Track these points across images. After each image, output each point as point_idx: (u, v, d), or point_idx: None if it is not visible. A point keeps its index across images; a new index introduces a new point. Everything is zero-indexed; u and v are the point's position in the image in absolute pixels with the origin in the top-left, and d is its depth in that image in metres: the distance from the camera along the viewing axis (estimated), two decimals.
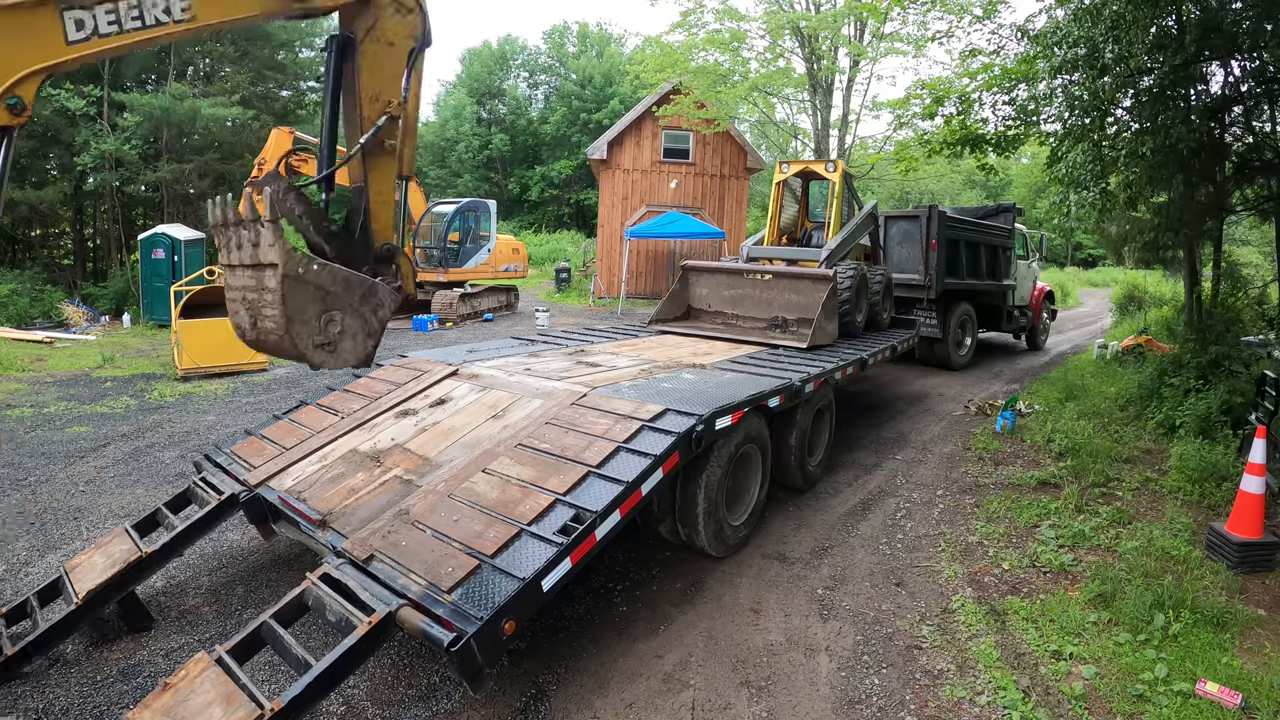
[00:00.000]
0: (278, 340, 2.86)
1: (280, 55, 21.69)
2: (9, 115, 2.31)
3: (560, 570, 2.87)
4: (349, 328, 2.97)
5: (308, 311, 2.82)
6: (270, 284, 2.76)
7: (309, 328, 2.83)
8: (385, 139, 3.10)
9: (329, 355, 2.93)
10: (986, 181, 32.67)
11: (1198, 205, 8.18)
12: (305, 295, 2.79)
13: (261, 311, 2.86)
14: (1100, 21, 6.50)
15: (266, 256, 2.74)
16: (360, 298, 2.97)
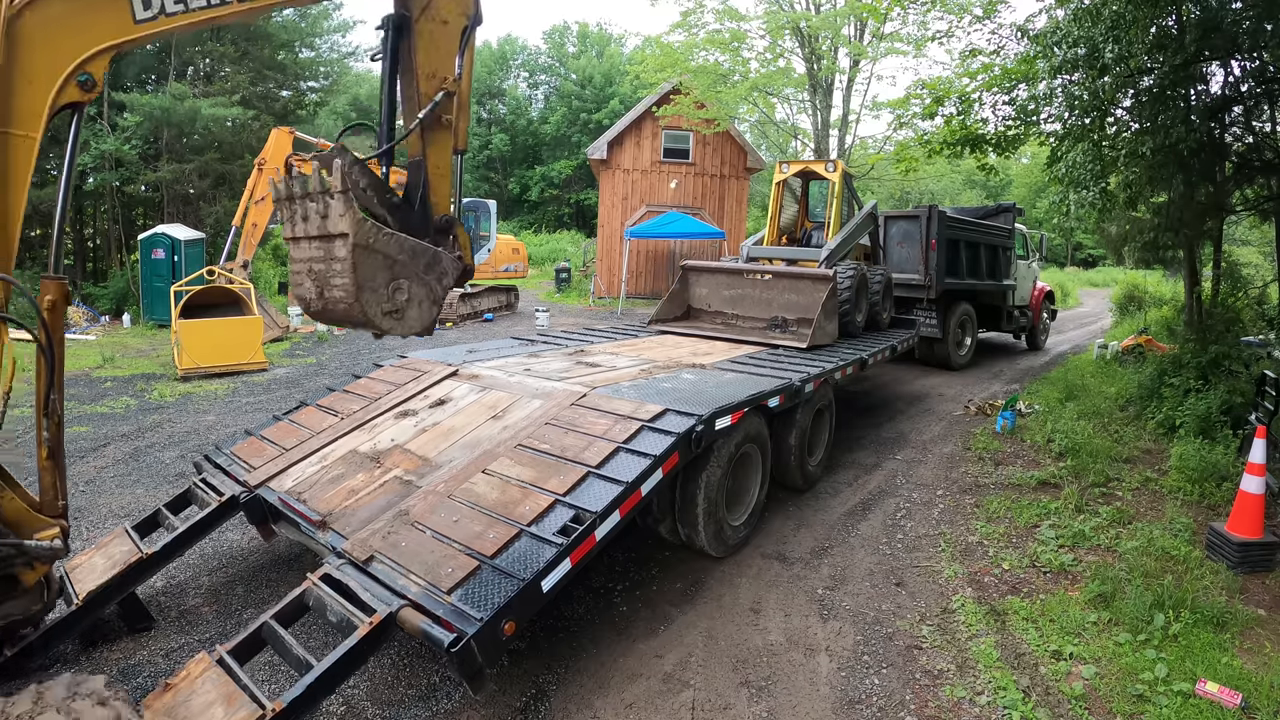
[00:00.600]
0: (346, 309, 2.92)
1: (280, 55, 21.68)
2: (80, 92, 2.41)
3: (560, 571, 2.87)
4: (415, 295, 3.04)
5: (377, 279, 2.89)
6: (340, 253, 2.82)
7: (378, 295, 2.90)
8: (442, 114, 3.18)
9: (396, 322, 3.00)
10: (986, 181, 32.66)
11: (1198, 205, 8.17)
12: (374, 264, 2.86)
13: (330, 281, 2.93)
14: (1100, 21, 6.49)
15: (337, 227, 2.80)
16: (425, 266, 3.04)
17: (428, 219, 3.19)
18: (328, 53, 25.33)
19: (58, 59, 2.32)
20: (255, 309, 10.33)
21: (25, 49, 2.27)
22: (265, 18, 20.16)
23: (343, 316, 3.02)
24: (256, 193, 12.30)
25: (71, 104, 2.45)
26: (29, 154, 2.36)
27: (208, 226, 17.90)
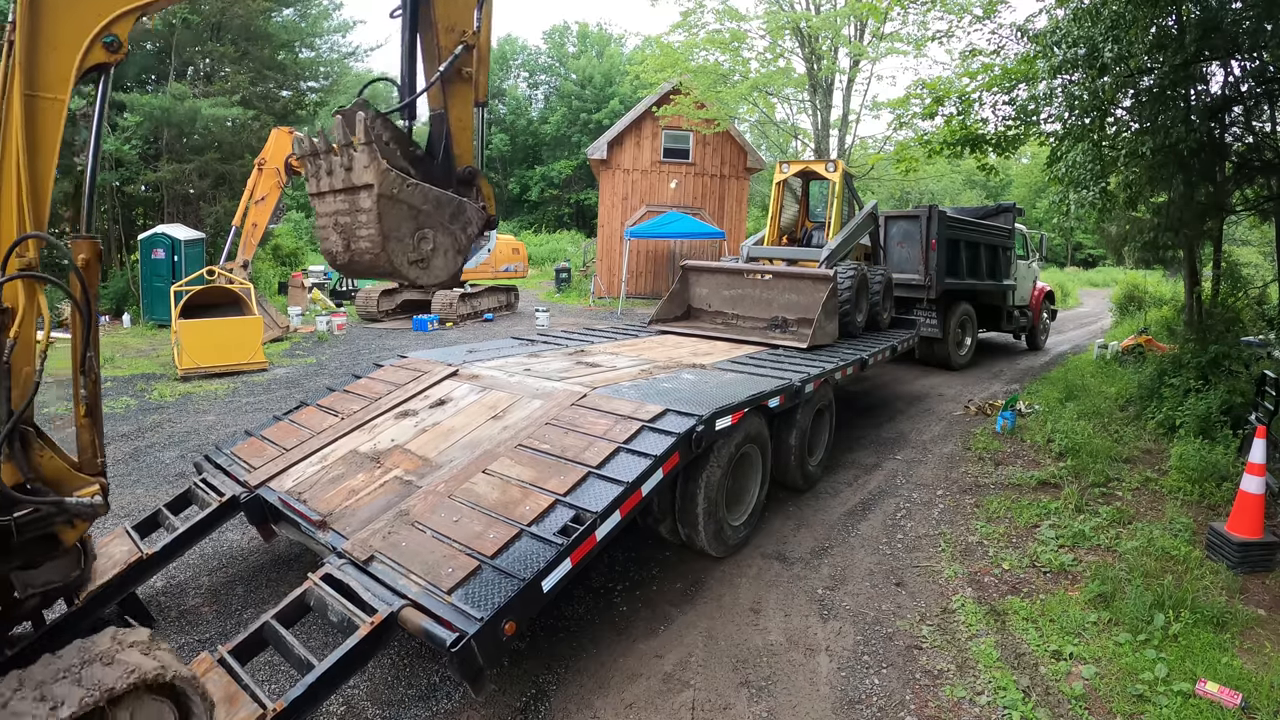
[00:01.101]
0: (373, 259, 2.96)
1: (280, 55, 21.68)
2: (106, 53, 2.47)
3: (560, 571, 2.87)
4: (440, 245, 3.11)
5: (402, 229, 2.93)
6: (365, 204, 2.85)
7: (404, 245, 2.96)
8: (462, 67, 3.22)
9: (422, 271, 3.07)
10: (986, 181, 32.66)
11: (1198, 205, 8.17)
12: (400, 214, 2.90)
13: (356, 233, 2.99)
14: (1100, 21, 6.50)
15: (362, 178, 2.83)
16: (450, 216, 3.11)
17: (450, 170, 3.23)
18: (328, 53, 25.33)
19: (82, 22, 2.37)
20: (255, 309, 10.33)
21: (49, 14, 2.31)
22: (265, 17, 20.16)
23: (369, 267, 3.06)
24: (256, 193, 12.30)
25: (98, 66, 2.50)
26: (58, 117, 2.40)
27: (208, 226, 17.90)
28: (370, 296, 15.75)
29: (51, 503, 2.56)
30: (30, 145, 2.33)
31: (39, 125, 2.34)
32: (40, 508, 2.53)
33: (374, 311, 15.60)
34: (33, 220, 2.38)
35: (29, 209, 2.35)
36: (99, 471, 2.75)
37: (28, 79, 2.30)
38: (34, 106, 2.33)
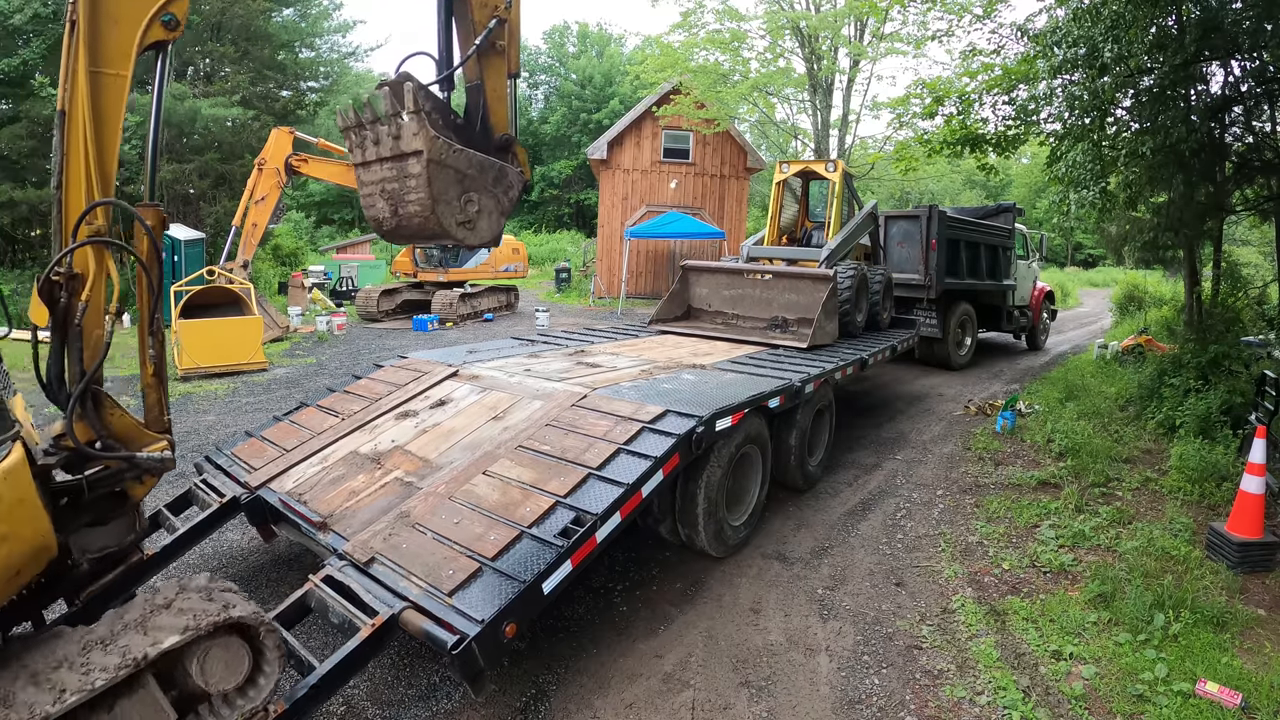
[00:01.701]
0: (422, 222, 3.07)
1: (280, 55, 21.69)
2: (164, 30, 2.60)
3: (561, 573, 2.87)
4: (485, 207, 3.22)
5: (450, 193, 3.06)
6: (414, 170, 2.98)
7: (451, 208, 3.08)
8: (495, 40, 3.36)
9: (469, 232, 3.19)
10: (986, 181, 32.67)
11: (1198, 205, 8.18)
12: (447, 178, 3.04)
13: (404, 198, 3.08)
14: (1100, 21, 6.50)
15: (411, 145, 2.95)
16: (493, 180, 3.24)
17: (489, 138, 3.35)
18: (328, 53, 25.35)
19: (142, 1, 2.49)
20: (255, 309, 10.34)
21: None
22: (265, 17, 20.17)
23: (418, 230, 3.17)
24: (256, 193, 12.30)
25: (157, 43, 2.63)
26: (121, 91, 2.51)
27: (208, 226, 17.91)
28: (370, 296, 15.75)
29: (124, 458, 2.68)
30: (96, 119, 2.45)
31: (103, 100, 2.46)
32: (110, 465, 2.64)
33: (374, 311, 15.60)
34: (100, 190, 2.50)
35: (96, 180, 2.47)
36: (165, 429, 2.88)
37: (91, 55, 2.40)
38: (98, 82, 2.44)
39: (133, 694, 2.22)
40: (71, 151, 2.46)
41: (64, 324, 2.53)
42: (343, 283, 20.14)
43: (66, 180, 2.47)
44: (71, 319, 2.52)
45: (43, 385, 2.62)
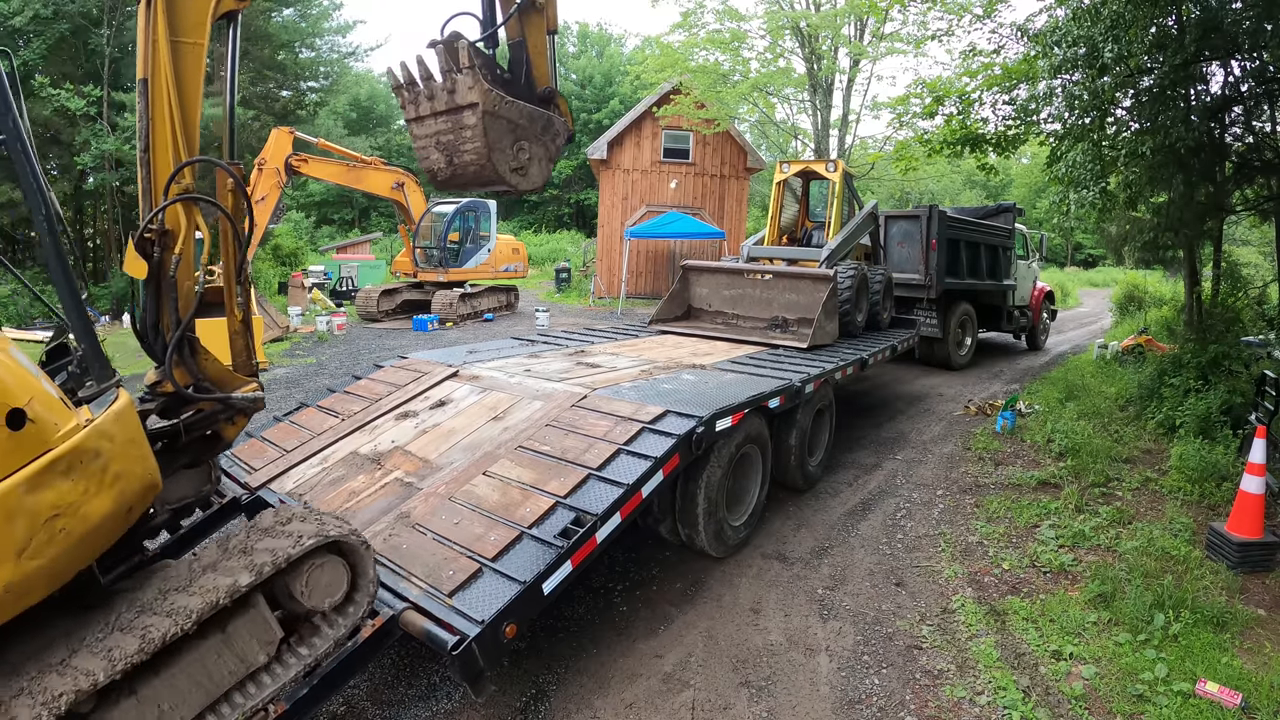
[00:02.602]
0: (478, 170, 3.27)
1: (280, 55, 21.68)
2: (235, 1, 2.79)
3: (561, 573, 2.87)
4: (535, 154, 3.43)
5: (503, 141, 3.27)
6: (470, 121, 3.17)
7: (505, 155, 3.28)
8: None
9: (521, 178, 3.39)
10: (986, 181, 32.68)
11: (1198, 205, 8.17)
12: (501, 128, 3.24)
13: (460, 148, 3.29)
14: (1100, 21, 6.49)
15: (466, 98, 3.15)
16: (541, 128, 3.44)
17: (532, 91, 3.54)
18: (328, 53, 25.34)
19: None
20: (255, 309, 10.33)
21: None
22: (265, 17, 20.15)
23: (473, 178, 3.35)
24: (256, 193, 12.29)
25: (228, 13, 2.82)
26: (199, 59, 2.68)
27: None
28: (370, 296, 15.75)
29: (219, 399, 2.88)
30: (179, 85, 2.61)
31: (183, 67, 2.62)
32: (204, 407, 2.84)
33: (374, 311, 15.60)
34: (186, 151, 2.66)
35: (182, 142, 2.64)
36: (253, 372, 3.06)
37: (170, 26, 2.56)
38: (178, 50, 2.60)
39: (244, 614, 2.35)
40: (156, 116, 2.59)
41: (158, 278, 2.69)
42: (343, 283, 20.14)
43: (153, 144, 2.60)
44: (165, 272, 2.69)
45: (139, 336, 2.79)
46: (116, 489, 2.18)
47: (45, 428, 2.00)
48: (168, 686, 2.22)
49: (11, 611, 1.99)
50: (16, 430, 1.93)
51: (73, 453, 2.04)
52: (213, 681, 2.32)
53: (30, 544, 1.94)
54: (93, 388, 2.40)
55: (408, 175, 15.13)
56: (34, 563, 1.96)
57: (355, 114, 39.76)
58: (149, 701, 2.18)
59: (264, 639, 2.41)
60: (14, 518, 1.91)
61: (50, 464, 1.99)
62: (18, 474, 1.93)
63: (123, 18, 17.25)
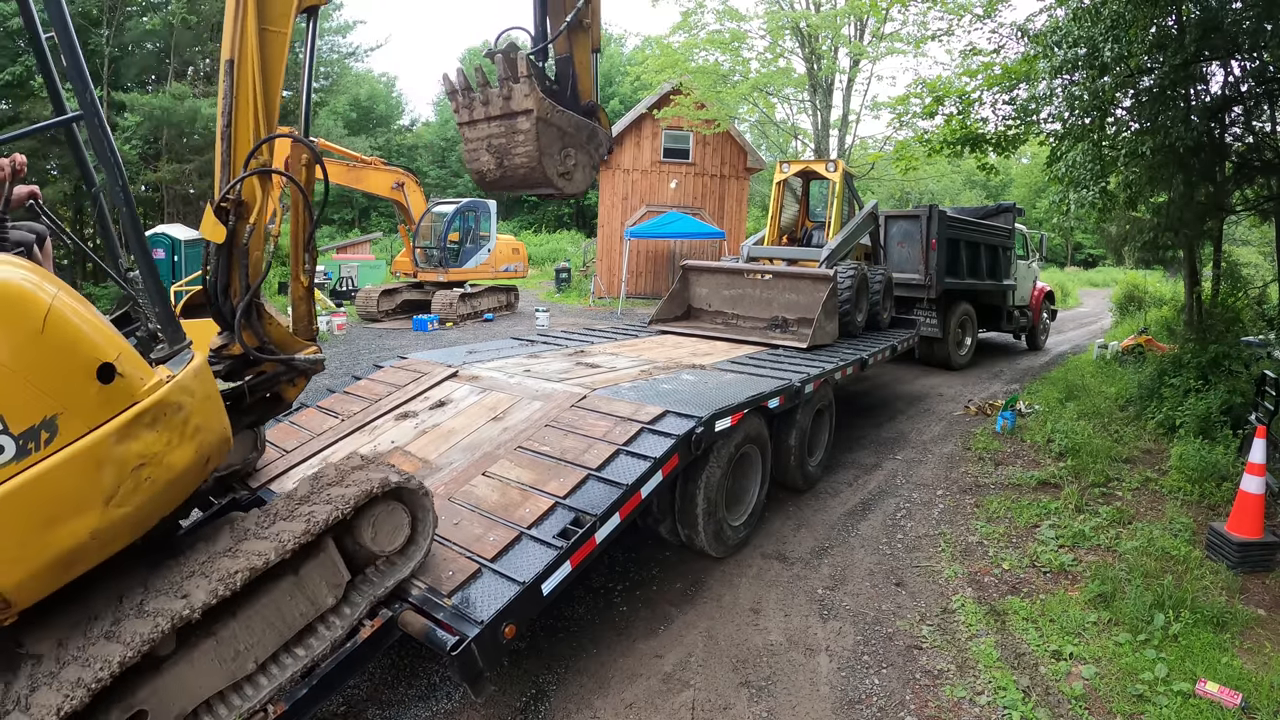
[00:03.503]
0: (527, 173, 3.48)
1: None
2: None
3: (560, 574, 2.87)
4: (580, 161, 3.65)
5: (553, 147, 3.48)
6: (524, 126, 3.37)
7: (554, 160, 3.49)
8: (582, 18, 3.80)
9: (567, 182, 3.60)
10: (986, 181, 32.67)
11: (1198, 205, 8.18)
12: (551, 134, 3.45)
13: (511, 151, 3.49)
14: (1100, 21, 6.49)
15: (522, 105, 3.35)
16: (586, 137, 3.68)
17: (577, 103, 3.76)
18: (328, 53, 25.36)
19: None
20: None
21: None
22: None
23: (522, 180, 3.56)
24: None
25: (309, 8, 3.00)
26: (282, 45, 2.88)
27: None
28: (370, 296, 15.75)
29: (283, 360, 3.03)
30: (263, 68, 2.79)
31: (269, 53, 2.80)
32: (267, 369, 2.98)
33: (374, 311, 15.60)
34: (265, 129, 2.84)
35: (263, 120, 2.81)
36: (312, 337, 3.23)
37: (260, 14, 2.75)
38: (265, 37, 2.78)
39: (315, 556, 2.53)
40: (241, 96, 2.78)
41: (231, 244, 2.85)
42: (343, 283, 20.13)
43: (235, 120, 2.78)
44: (238, 240, 2.84)
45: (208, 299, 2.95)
46: (196, 441, 2.29)
47: (132, 382, 2.11)
48: (244, 628, 2.37)
49: (98, 557, 2.10)
50: (107, 384, 2.04)
51: (157, 406, 2.15)
52: (285, 623, 2.46)
53: (118, 492, 2.05)
54: (164, 350, 2.49)
55: (408, 175, 15.12)
56: (121, 510, 2.07)
57: (355, 114, 39.75)
58: (227, 643, 2.32)
59: (332, 581, 2.58)
60: (103, 466, 2.02)
61: (137, 416, 2.10)
62: (107, 425, 2.03)
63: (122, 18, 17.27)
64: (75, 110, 2.40)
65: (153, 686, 2.21)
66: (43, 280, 2.04)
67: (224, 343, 2.94)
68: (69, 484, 1.97)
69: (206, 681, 2.31)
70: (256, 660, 2.40)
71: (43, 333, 1.95)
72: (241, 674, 2.38)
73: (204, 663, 2.30)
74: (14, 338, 1.91)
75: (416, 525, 2.83)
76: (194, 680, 2.29)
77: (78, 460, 1.98)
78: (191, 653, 2.28)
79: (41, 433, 1.94)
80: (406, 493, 2.79)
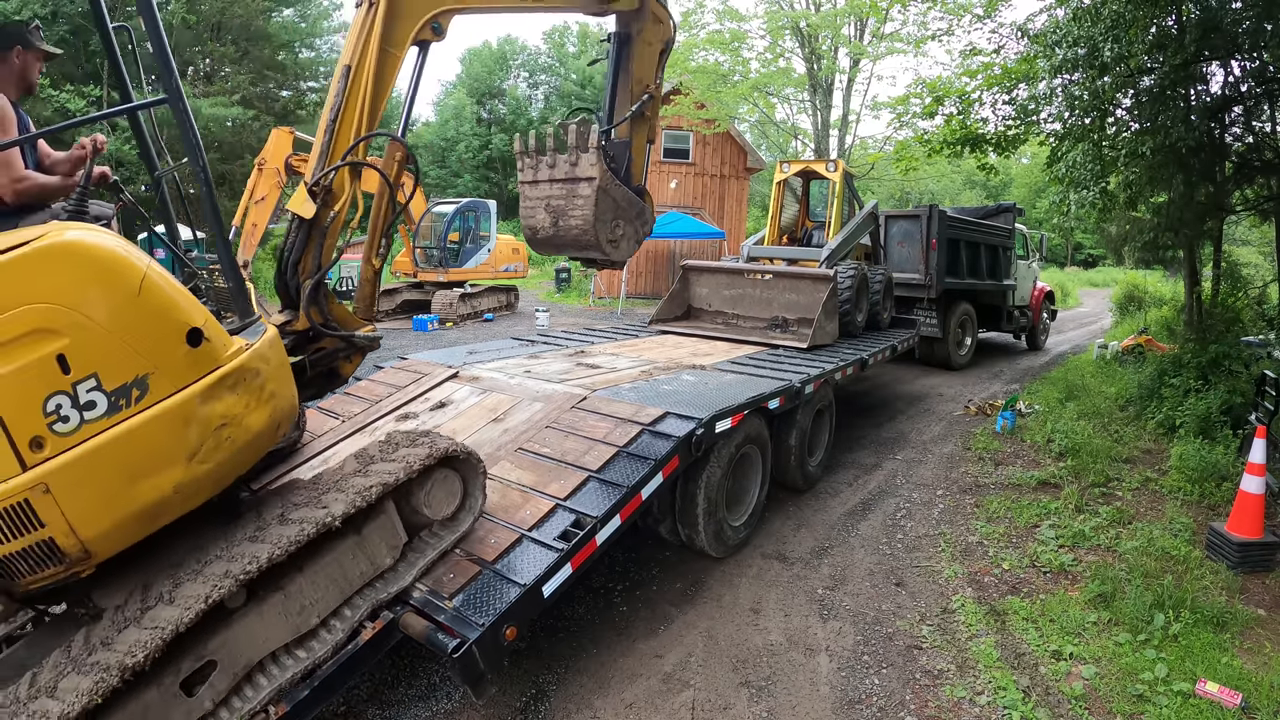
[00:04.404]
0: (579, 234, 3.80)
1: (280, 56, 21.70)
2: (430, 33, 3.26)
3: (561, 576, 2.88)
4: (627, 233, 3.97)
5: (606, 215, 3.80)
6: (584, 192, 3.71)
7: (605, 227, 3.80)
8: (644, 111, 4.19)
9: (614, 249, 3.92)
10: (986, 181, 32.67)
11: (1198, 205, 8.18)
12: (607, 204, 3.77)
13: (568, 213, 3.84)
14: (1100, 21, 6.50)
15: (586, 173, 3.69)
16: (636, 213, 4.02)
17: (630, 184, 4.08)
18: (328, 53, 25.34)
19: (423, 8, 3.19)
20: (255, 308, 10.30)
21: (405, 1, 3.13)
22: (265, 17, 20.18)
23: (573, 241, 3.90)
24: (256, 193, 12.29)
25: (421, 41, 3.28)
26: (395, 66, 3.17)
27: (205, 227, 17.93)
28: None
29: (344, 336, 3.23)
30: (375, 80, 3.09)
31: (382, 69, 3.11)
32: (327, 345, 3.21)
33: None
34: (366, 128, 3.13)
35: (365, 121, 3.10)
36: (370, 318, 3.43)
37: (383, 36, 3.06)
38: (383, 55, 3.09)
39: (377, 518, 2.70)
40: (351, 98, 3.08)
41: (312, 225, 3.07)
42: (343, 283, 20.11)
43: (341, 117, 3.07)
44: (320, 223, 3.07)
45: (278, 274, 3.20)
46: (271, 406, 2.45)
47: (216, 347, 2.28)
48: (310, 583, 2.51)
49: (178, 511, 2.24)
50: (195, 347, 2.20)
51: (239, 370, 2.31)
52: (347, 580, 2.62)
53: (201, 449, 2.20)
54: (233, 322, 2.61)
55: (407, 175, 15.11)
56: (203, 466, 2.22)
57: None
58: (294, 597, 2.47)
59: (391, 543, 2.75)
60: (189, 424, 2.17)
61: (220, 379, 2.25)
62: (194, 385, 2.19)
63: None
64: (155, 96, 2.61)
65: (223, 638, 2.32)
66: (136, 249, 2.18)
67: (287, 319, 3.11)
68: (157, 440, 2.11)
69: (273, 634, 2.43)
70: (319, 615, 2.53)
71: (139, 296, 2.10)
72: (305, 628, 2.51)
73: (272, 616, 2.42)
74: (112, 300, 2.05)
75: (467, 494, 3.03)
76: (261, 632, 2.40)
77: (166, 418, 2.12)
78: (260, 606, 2.40)
79: (133, 390, 2.08)
80: (461, 462, 2.98)
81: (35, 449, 1.94)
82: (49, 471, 1.95)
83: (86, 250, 2.05)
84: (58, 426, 1.97)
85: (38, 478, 1.93)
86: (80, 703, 1.92)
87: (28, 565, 2.01)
